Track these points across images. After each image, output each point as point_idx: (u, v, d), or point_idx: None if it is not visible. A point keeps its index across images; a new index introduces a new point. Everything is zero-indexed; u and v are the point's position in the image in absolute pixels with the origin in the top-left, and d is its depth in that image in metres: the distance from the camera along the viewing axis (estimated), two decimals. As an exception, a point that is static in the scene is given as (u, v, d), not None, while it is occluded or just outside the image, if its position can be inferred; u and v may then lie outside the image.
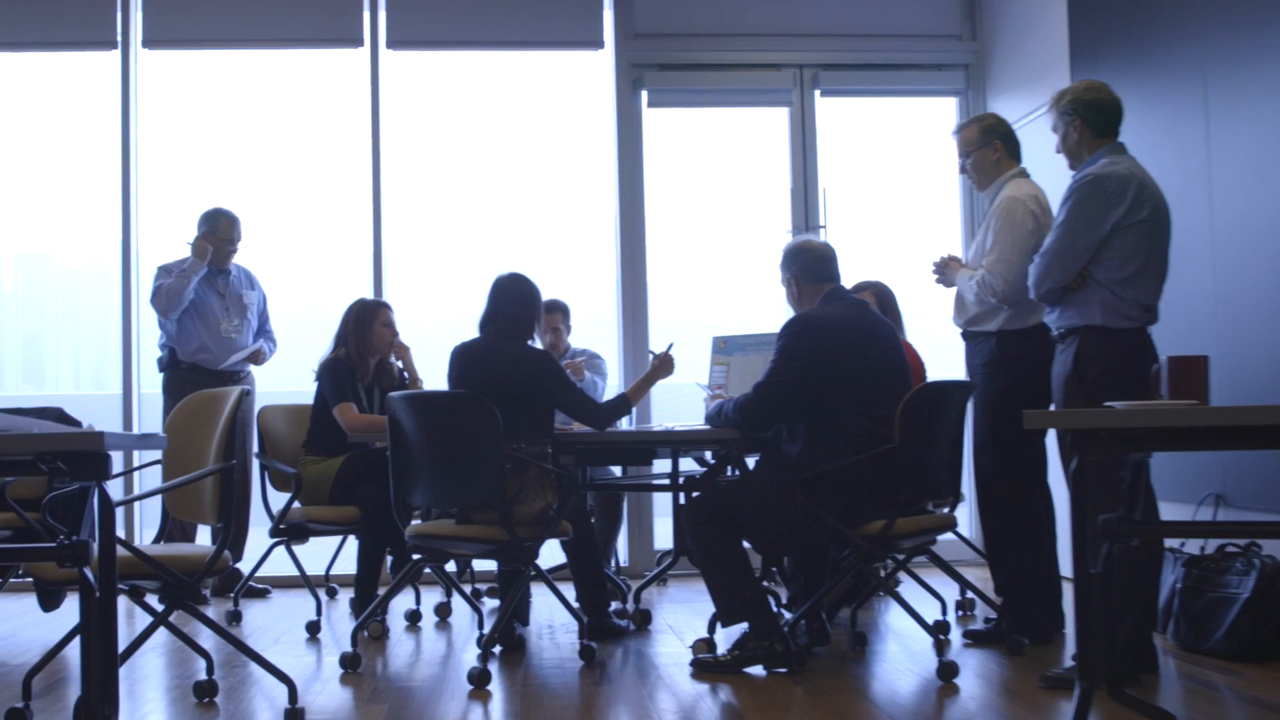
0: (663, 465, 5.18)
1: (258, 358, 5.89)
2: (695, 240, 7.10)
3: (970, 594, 4.97)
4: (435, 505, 4.05)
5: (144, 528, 6.48)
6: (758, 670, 3.86)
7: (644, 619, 4.82)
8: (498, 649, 4.25)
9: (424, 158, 6.92)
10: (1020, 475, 4.33)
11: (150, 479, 4.05)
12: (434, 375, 5.13)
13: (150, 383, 6.18)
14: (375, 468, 4.66)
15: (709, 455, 5.18)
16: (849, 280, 4.36)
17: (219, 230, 5.81)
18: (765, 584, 4.39)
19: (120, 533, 4.07)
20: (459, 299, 4.29)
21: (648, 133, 6.69)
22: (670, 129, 6.86)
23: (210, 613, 5.38)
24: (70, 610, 3.12)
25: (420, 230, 6.86)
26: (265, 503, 5.03)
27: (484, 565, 5.47)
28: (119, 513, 4.68)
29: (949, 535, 4.46)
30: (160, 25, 6.43)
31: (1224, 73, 4.63)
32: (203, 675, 3.61)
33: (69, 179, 7.07)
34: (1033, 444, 4.37)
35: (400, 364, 5.20)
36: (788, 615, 4.54)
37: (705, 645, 4.06)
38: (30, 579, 4.30)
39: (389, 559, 5.01)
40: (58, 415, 4.75)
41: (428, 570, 4.51)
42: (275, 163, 7.17)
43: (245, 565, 5.46)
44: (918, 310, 5.63)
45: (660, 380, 4.60)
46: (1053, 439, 4.31)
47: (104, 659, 2.47)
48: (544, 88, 7.10)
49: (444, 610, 5.12)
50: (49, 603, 4.39)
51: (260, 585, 5.85)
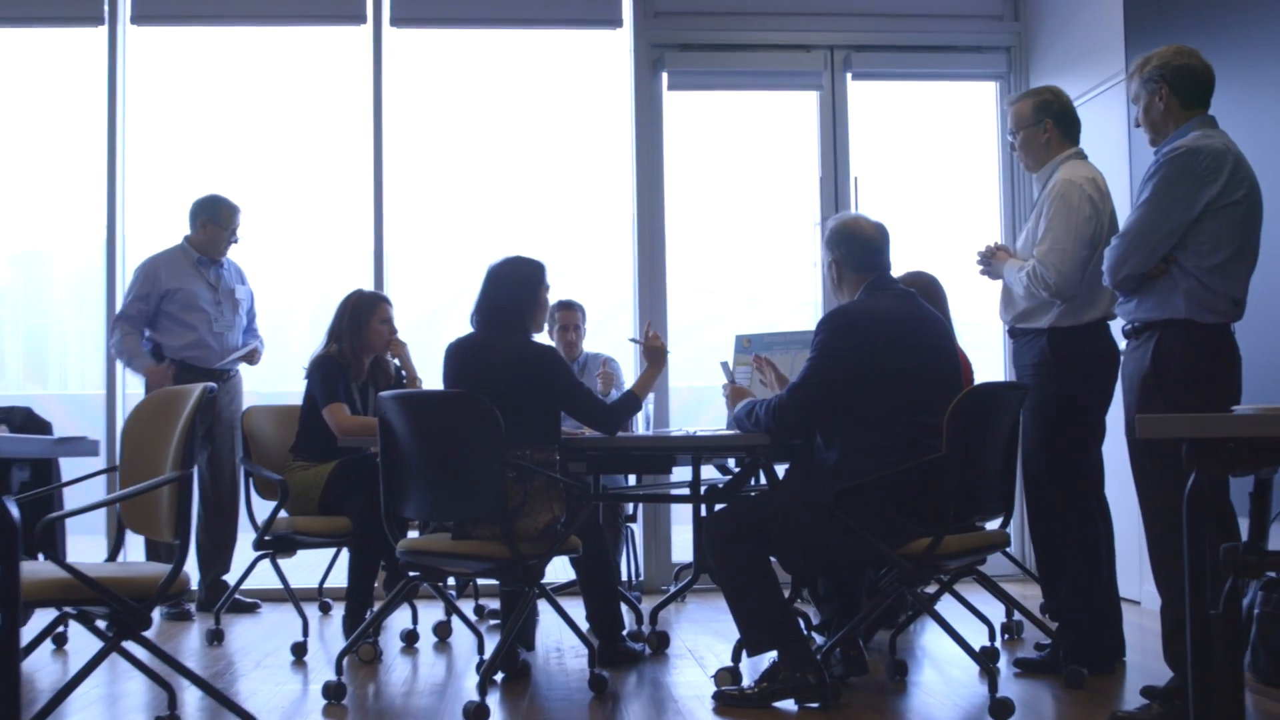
0: (682, 473, 4.75)
1: (253, 358, 5.52)
2: (718, 233, 6.72)
3: (1017, 615, 4.55)
4: (429, 517, 3.64)
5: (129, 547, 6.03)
6: (788, 705, 3.44)
7: (661, 642, 4.41)
8: (500, 676, 3.85)
9: (429, 144, 6.53)
10: (1075, 487, 3.94)
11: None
12: (436, 374, 4.72)
13: (139, 382, 5.79)
14: (368, 475, 4.27)
15: (732, 463, 4.77)
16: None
17: (220, 218, 5.44)
18: (795, 604, 3.99)
19: (74, 551, 3.70)
20: (464, 293, 3.87)
21: (668, 117, 6.30)
22: (692, 113, 6.47)
23: (194, 630, 5.00)
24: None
25: (424, 221, 6.48)
26: (249, 512, 4.64)
27: (489, 579, 5.06)
28: (71, 525, 4.25)
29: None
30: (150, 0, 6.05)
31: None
32: (182, 705, 3.21)
33: (55, 167, 6.69)
34: (1088, 452, 3.96)
35: (398, 362, 4.80)
36: (819, 640, 4.13)
37: (729, 676, 3.65)
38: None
39: (383, 574, 4.61)
40: (25, 416, 4.39)
41: (426, 585, 4.11)
42: (270, 148, 6.79)
43: (236, 576, 5.06)
44: (955, 309, 5.20)
45: (660, 368, 4.16)
46: (1112, 448, 3.89)
47: (3, 689, 2.11)
48: (557, 69, 6.72)
49: (444, 630, 4.71)
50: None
51: (249, 599, 5.46)
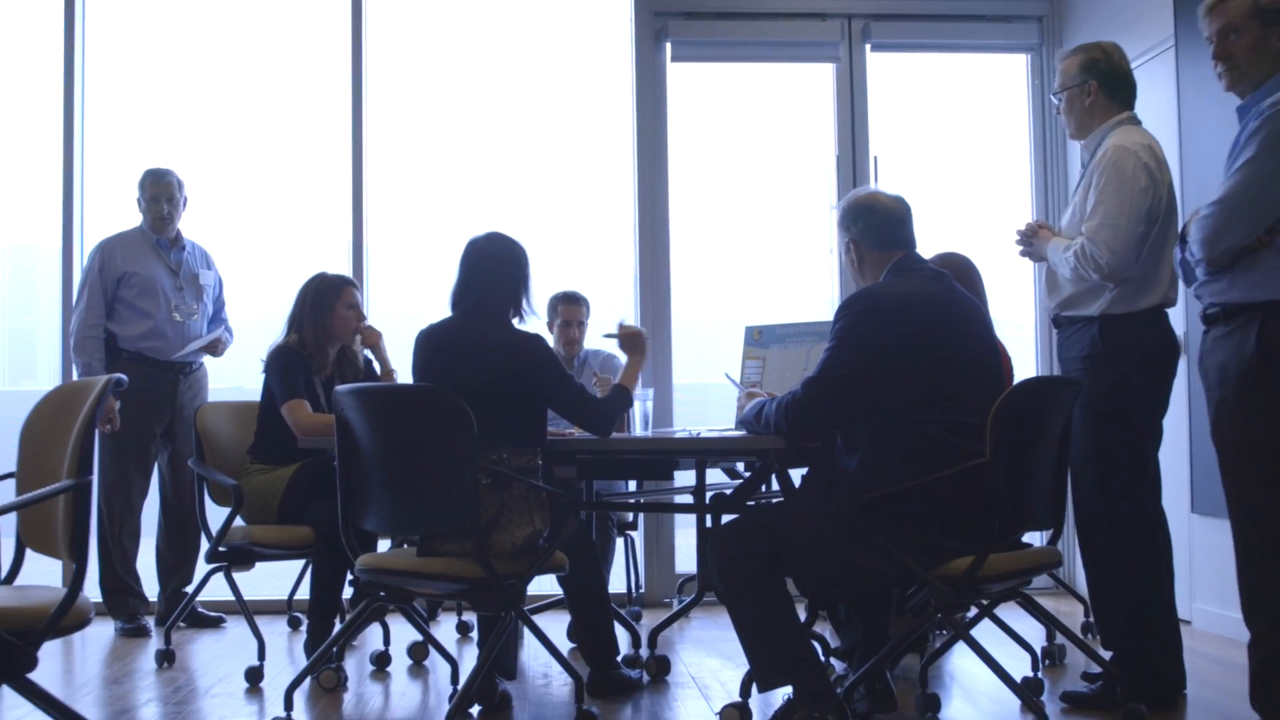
0: (685, 477, 4.28)
1: (216, 348, 5.05)
2: (725, 218, 6.26)
3: (1059, 638, 4.08)
4: (391, 531, 3.18)
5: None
6: (804, 750, 2.96)
7: (661, 668, 3.93)
8: (476, 710, 3.39)
9: (413, 120, 6.07)
10: (1131, 498, 3.46)
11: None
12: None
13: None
14: (332, 479, 3.74)
15: (741, 466, 4.30)
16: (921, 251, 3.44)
17: (144, 190, 5.01)
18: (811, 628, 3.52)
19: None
20: (447, 282, 3.40)
21: (672, 92, 5.82)
22: (698, 87, 5.99)
23: (151, 646, 4.54)
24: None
25: (407, 203, 6.00)
26: (202, 520, 4.18)
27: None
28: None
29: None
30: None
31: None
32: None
33: (13, 144, 6.23)
34: (1146, 457, 3.49)
35: (369, 354, 4.33)
36: (838, 668, 3.66)
37: (737, 713, 3.18)
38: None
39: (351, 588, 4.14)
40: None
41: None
42: (241, 123, 6.29)
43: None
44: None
45: (642, 355, 3.71)
46: (1172, 452, 3.42)
47: None
48: (551, 37, 6.25)
49: (419, 652, 4.24)
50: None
51: (213, 613, 5.00)
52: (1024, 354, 5.67)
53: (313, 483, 3.94)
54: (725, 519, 3.49)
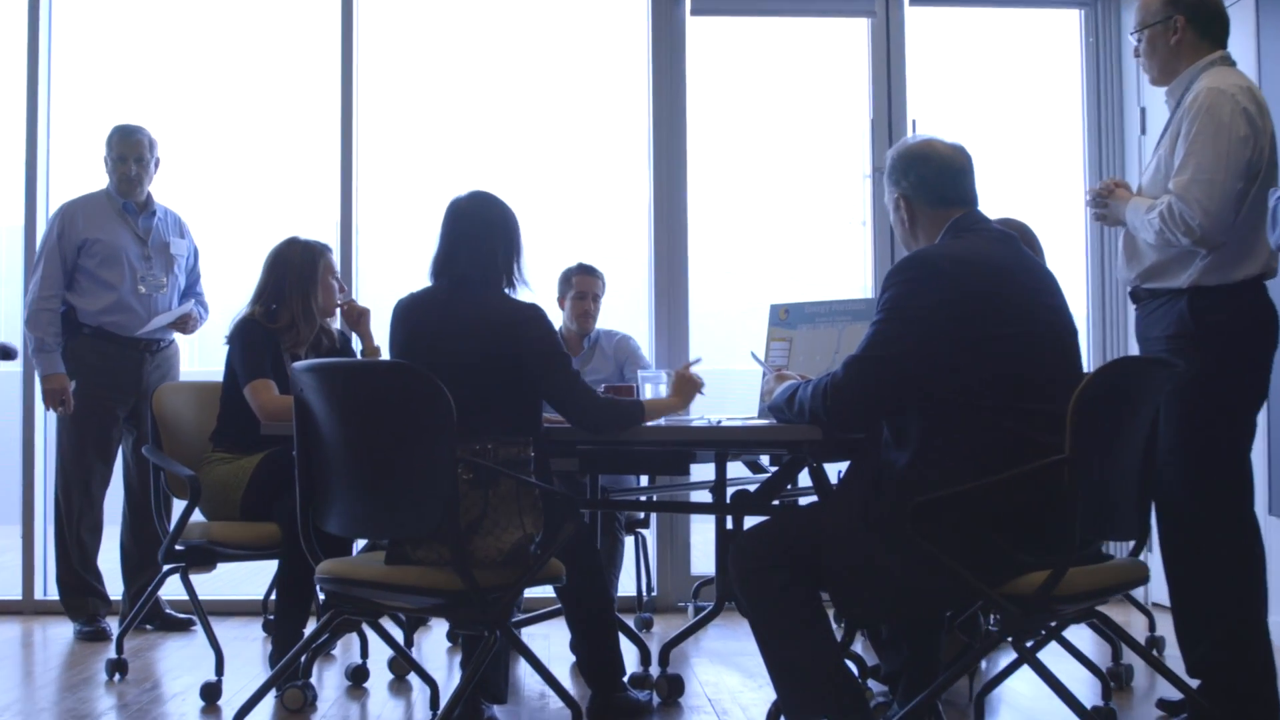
0: (703, 471, 3.81)
1: (186, 324, 4.58)
2: (749, 188, 5.76)
3: (1127, 657, 3.60)
4: (356, 533, 2.70)
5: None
6: (843, 797, 2.48)
7: (673, 688, 3.45)
8: (458, 739, 2.92)
9: (407, 75, 5.58)
10: (1225, 500, 2.99)
11: None
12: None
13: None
14: (301, 471, 3.31)
15: (766, 460, 3.82)
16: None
17: (112, 148, 4.54)
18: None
19: None
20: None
21: (691, 50, 5.31)
22: (719, 45, 5.48)
23: (109, 655, 4.07)
24: None
25: (401, 172, 5.50)
26: (160, 515, 3.72)
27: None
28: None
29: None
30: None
31: None
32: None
33: None
34: (1239, 454, 3.03)
35: (349, 333, 3.86)
36: (877, 691, 3.18)
37: (763, 751, 2.70)
38: None
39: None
40: None
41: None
42: (220, 81, 5.80)
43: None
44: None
45: (683, 405, 3.23)
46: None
47: None
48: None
49: (401, 667, 3.75)
50: None
51: (183, 615, 4.54)
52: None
53: (280, 474, 3.46)
54: (748, 522, 3.02)
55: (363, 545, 3.22)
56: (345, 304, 3.80)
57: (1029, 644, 2.89)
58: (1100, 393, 2.44)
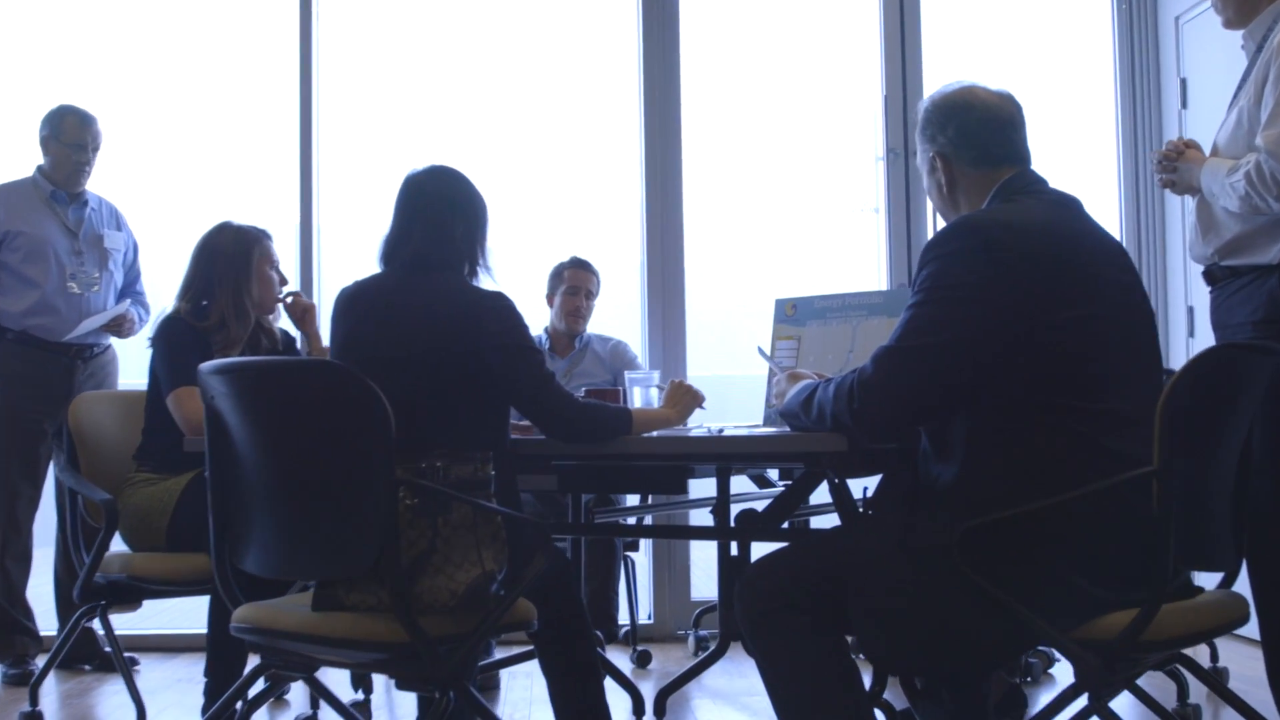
0: (701, 487, 3.34)
1: (122, 326, 4.09)
2: (750, 173, 5.26)
3: (1194, 697, 3.12)
4: (276, 572, 2.21)
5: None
6: None
7: (671, 742, 2.96)
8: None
9: (372, 56, 5.10)
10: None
11: None
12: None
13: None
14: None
15: (776, 475, 3.34)
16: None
17: (64, 134, 4.06)
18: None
19: None
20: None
21: (685, 21, 4.85)
22: (716, 17, 5.01)
23: (23, 707, 3.56)
24: None
25: (366, 159, 5.00)
26: (76, 547, 3.22)
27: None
28: None
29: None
30: None
31: None
32: None
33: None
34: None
35: (293, 332, 3.37)
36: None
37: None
38: None
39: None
40: None
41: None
42: (165, 61, 5.29)
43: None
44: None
45: (679, 420, 2.72)
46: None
47: None
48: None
49: (364, 709, 3.26)
50: None
51: (128, 653, 4.03)
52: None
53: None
54: (756, 547, 2.53)
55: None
56: (288, 298, 3.31)
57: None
58: (1195, 390, 1.96)
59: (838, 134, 5.13)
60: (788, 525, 2.82)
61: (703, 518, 3.57)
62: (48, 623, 4.08)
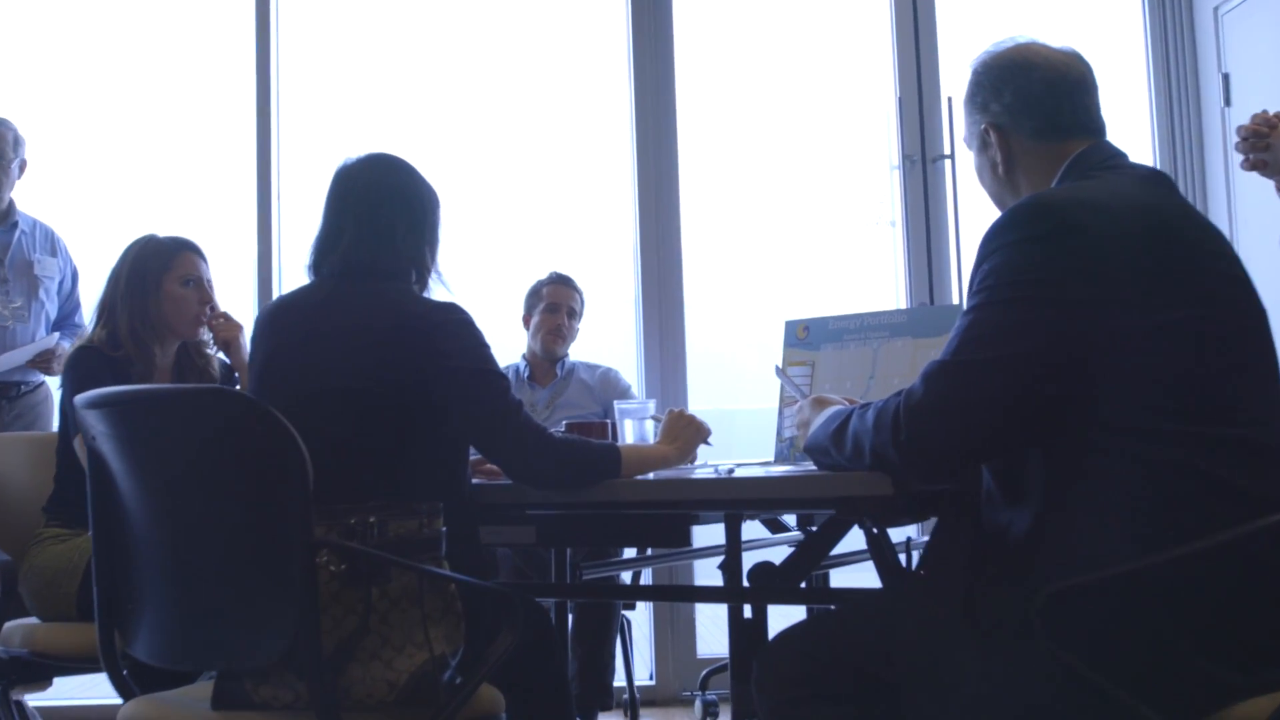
0: (706, 532, 2.91)
1: (50, 361, 3.68)
2: (753, 186, 4.91)
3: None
4: (169, 660, 1.76)
5: None
6: None
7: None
8: None
9: (333, 44, 4.69)
10: None
11: None
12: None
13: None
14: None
15: (793, 520, 2.89)
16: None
17: None
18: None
19: None
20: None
21: (679, 18, 4.57)
22: (713, 14, 4.74)
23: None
24: None
25: (327, 160, 4.58)
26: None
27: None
28: None
29: None
30: None
31: None
32: None
33: None
34: None
35: (224, 356, 2.93)
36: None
37: None
38: None
39: None
40: None
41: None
42: (108, 72, 4.89)
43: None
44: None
45: (679, 460, 2.28)
46: None
47: None
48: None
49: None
50: None
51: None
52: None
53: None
54: (784, 631, 2.08)
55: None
56: (214, 319, 2.86)
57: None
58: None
59: (849, 141, 4.85)
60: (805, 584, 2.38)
61: (709, 566, 3.15)
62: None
